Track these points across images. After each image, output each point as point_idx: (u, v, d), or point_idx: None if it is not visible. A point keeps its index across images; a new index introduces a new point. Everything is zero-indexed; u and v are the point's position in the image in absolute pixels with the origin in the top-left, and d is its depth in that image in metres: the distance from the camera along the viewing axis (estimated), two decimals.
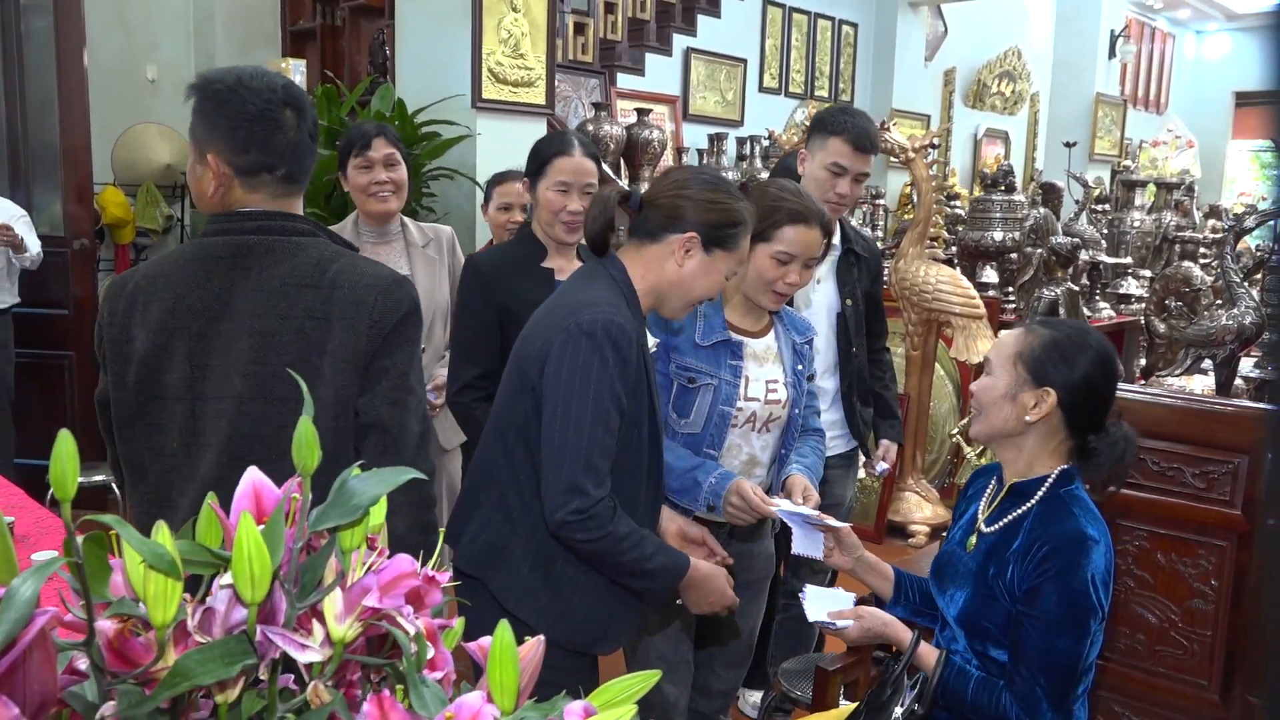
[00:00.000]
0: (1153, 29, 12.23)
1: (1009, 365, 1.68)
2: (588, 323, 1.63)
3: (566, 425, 1.61)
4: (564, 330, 1.64)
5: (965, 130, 10.01)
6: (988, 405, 1.71)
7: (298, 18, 5.92)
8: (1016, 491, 1.71)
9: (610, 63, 6.60)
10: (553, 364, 1.64)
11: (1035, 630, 1.59)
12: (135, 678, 0.74)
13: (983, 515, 1.76)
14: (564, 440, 1.62)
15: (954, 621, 1.73)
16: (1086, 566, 1.58)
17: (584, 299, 1.68)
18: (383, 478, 0.82)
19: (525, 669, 0.84)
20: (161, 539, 0.73)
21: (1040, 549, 1.61)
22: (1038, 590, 1.60)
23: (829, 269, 2.59)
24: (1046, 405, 1.65)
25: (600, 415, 1.62)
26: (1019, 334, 1.72)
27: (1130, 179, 6.75)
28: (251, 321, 1.54)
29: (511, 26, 4.02)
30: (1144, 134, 11.30)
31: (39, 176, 4.59)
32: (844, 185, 2.48)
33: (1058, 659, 1.58)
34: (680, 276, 1.73)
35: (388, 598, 0.80)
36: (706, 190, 1.74)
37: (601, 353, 1.62)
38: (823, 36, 8.47)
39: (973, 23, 9.66)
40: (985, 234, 5.03)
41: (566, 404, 1.62)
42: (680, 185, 1.75)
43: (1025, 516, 1.67)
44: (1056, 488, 1.68)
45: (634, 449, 1.72)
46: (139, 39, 5.67)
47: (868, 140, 2.48)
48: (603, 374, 1.62)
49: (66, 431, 0.71)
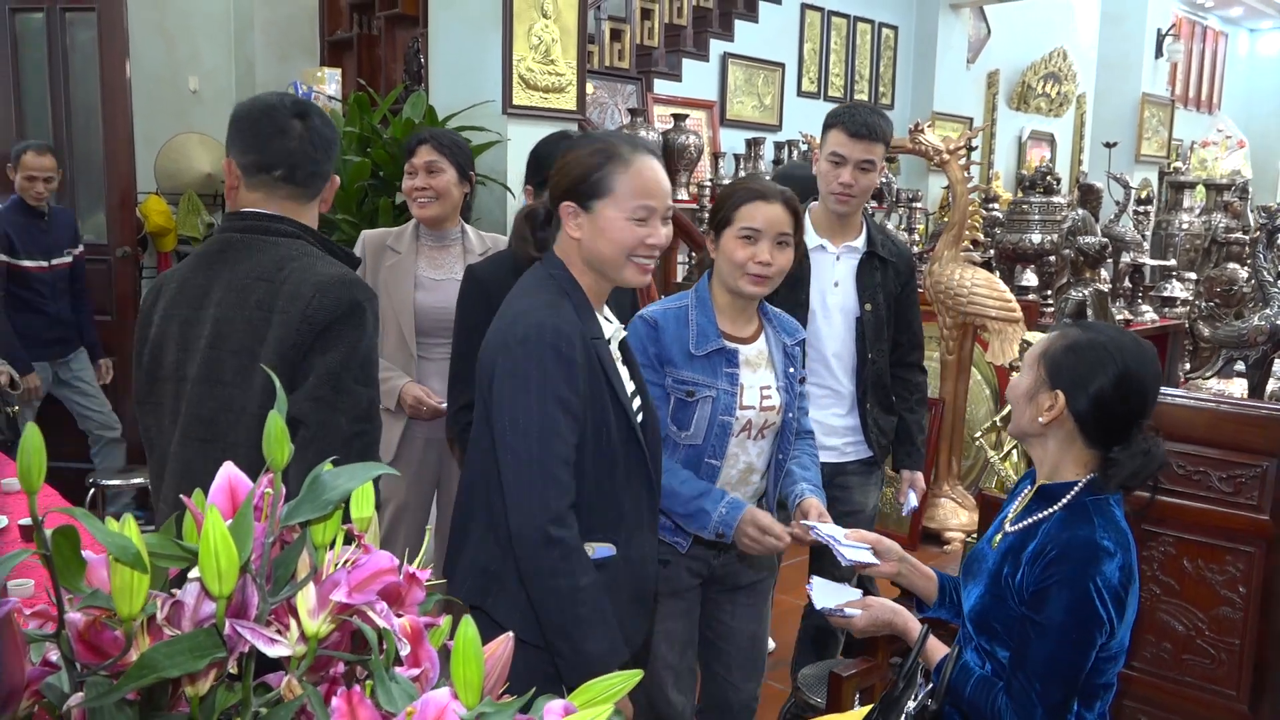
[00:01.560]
0: (1204, 28, 11.99)
1: (1034, 364, 1.68)
2: (520, 331, 1.60)
3: (517, 440, 1.57)
4: (502, 346, 1.61)
5: (1010, 133, 9.88)
6: (1013, 402, 1.72)
7: (335, 27, 6.00)
8: (1044, 494, 1.69)
9: (647, 69, 6.61)
10: (495, 381, 1.61)
11: (1037, 635, 1.56)
12: (106, 669, 0.75)
13: (1011, 514, 1.74)
14: (518, 456, 1.58)
15: (965, 617, 1.73)
16: (1094, 576, 1.54)
17: (519, 309, 1.65)
18: (354, 473, 0.82)
19: (493, 666, 0.84)
20: (128, 531, 0.73)
21: (1050, 553, 1.58)
22: (1043, 595, 1.57)
23: (849, 272, 2.55)
24: (1056, 408, 1.63)
25: (549, 424, 1.57)
26: (1051, 334, 1.71)
27: (1178, 180, 6.63)
28: (215, 310, 1.66)
29: (542, 33, 4.04)
30: (1194, 134, 11.08)
31: (83, 185, 4.69)
32: (846, 174, 2.47)
33: (1057, 667, 1.55)
34: (584, 248, 1.67)
35: (359, 593, 0.80)
36: (565, 154, 1.71)
37: (539, 359, 1.57)
38: (862, 39, 8.41)
39: (1016, 24, 9.53)
40: (1023, 236, 4.95)
41: (514, 419, 1.58)
42: (555, 163, 1.74)
43: (1047, 520, 1.64)
44: (1084, 495, 1.64)
45: (607, 450, 1.66)
46: (181, 50, 5.78)
47: (864, 128, 2.46)
48: (543, 381, 1.57)
49: (34, 425, 0.72)
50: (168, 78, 5.68)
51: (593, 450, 1.64)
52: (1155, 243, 6.51)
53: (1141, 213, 6.28)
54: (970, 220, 4.20)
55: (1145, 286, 5.29)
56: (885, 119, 2.54)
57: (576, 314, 1.64)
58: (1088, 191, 6.12)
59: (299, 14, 6.08)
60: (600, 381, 1.64)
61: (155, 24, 5.62)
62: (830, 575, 1.97)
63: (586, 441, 1.62)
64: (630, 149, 1.67)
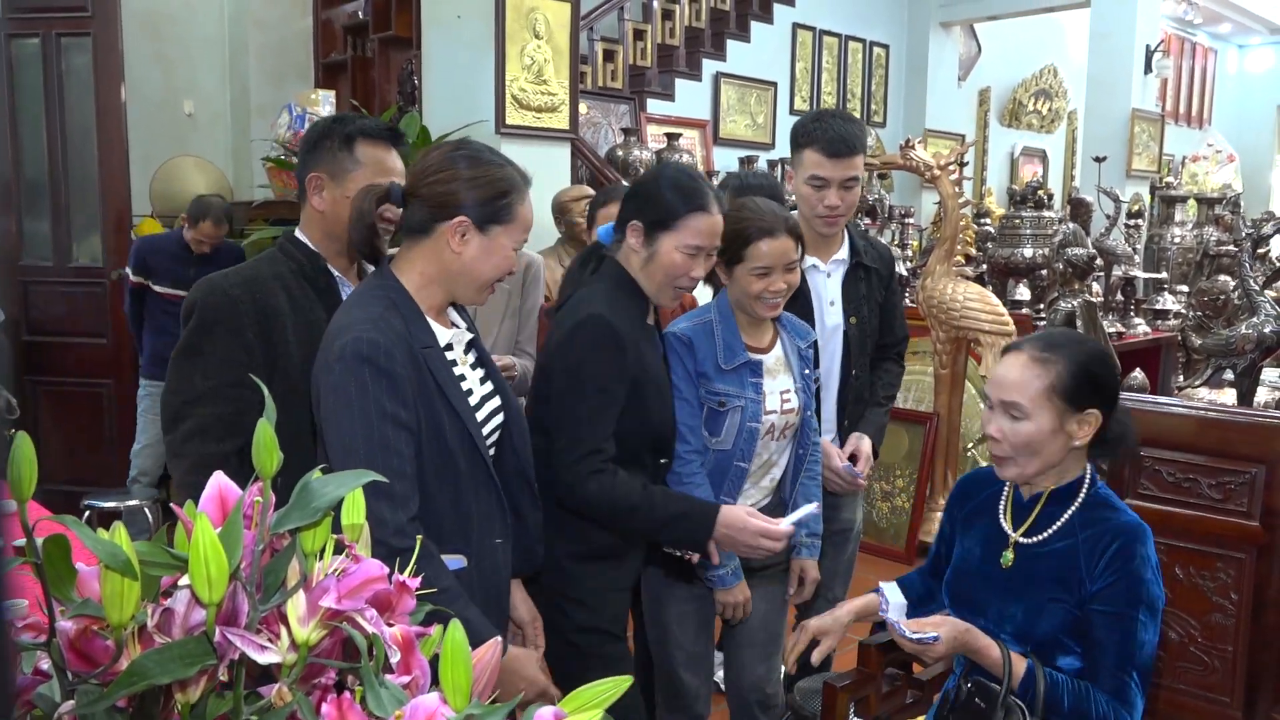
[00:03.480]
0: (1193, 44, 12.09)
1: (1045, 403, 1.62)
2: (337, 350, 1.55)
3: (347, 459, 1.52)
4: (324, 366, 1.58)
5: (1002, 149, 9.95)
6: (1037, 447, 1.64)
7: (329, 50, 6.04)
8: (1055, 499, 1.68)
9: (640, 88, 6.66)
10: (321, 401, 1.59)
11: (1116, 626, 1.57)
12: (96, 678, 0.76)
13: (1015, 529, 1.71)
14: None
15: (1011, 639, 1.67)
16: (1149, 556, 1.59)
17: (340, 325, 1.61)
18: (342, 480, 0.83)
19: (482, 670, 0.85)
20: (118, 539, 0.74)
21: (1109, 545, 1.60)
22: (1111, 587, 1.58)
23: (838, 286, 2.47)
24: (1093, 426, 1.64)
25: (377, 439, 1.53)
26: (1035, 366, 1.64)
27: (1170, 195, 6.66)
28: None
29: (534, 53, 4.07)
30: (1185, 150, 11.15)
31: (78, 208, 4.70)
32: (831, 197, 2.33)
33: (1143, 650, 1.57)
34: (462, 265, 1.62)
35: (349, 600, 0.81)
36: (471, 167, 1.63)
37: (357, 376, 1.53)
38: (854, 58, 8.48)
39: (1007, 42, 9.61)
40: (1015, 251, 4.98)
41: (340, 438, 1.55)
42: (441, 168, 1.63)
43: (1072, 521, 1.65)
44: (1091, 488, 1.67)
45: (444, 458, 1.62)
46: (176, 74, 5.82)
47: (842, 144, 2.30)
48: (364, 397, 1.53)
49: (24, 434, 0.73)
50: (163, 101, 5.71)
51: (432, 460, 1.60)
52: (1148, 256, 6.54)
53: (1132, 226, 6.31)
54: (963, 235, 4.22)
55: (1137, 300, 5.32)
56: (858, 123, 2.40)
57: (405, 324, 1.60)
58: (1078, 205, 6.15)
59: (293, 38, 6.12)
60: (430, 389, 1.60)
61: (151, 48, 5.66)
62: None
63: (422, 452, 1.59)
64: (525, 187, 1.70)
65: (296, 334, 1.86)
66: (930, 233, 7.05)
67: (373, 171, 1.88)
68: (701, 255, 1.93)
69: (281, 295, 1.87)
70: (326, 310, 1.88)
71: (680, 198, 1.92)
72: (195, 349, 1.84)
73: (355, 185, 1.84)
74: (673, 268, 1.92)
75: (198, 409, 1.81)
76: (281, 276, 1.90)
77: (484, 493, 1.68)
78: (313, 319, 1.87)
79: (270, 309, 1.84)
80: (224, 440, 1.80)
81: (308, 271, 1.92)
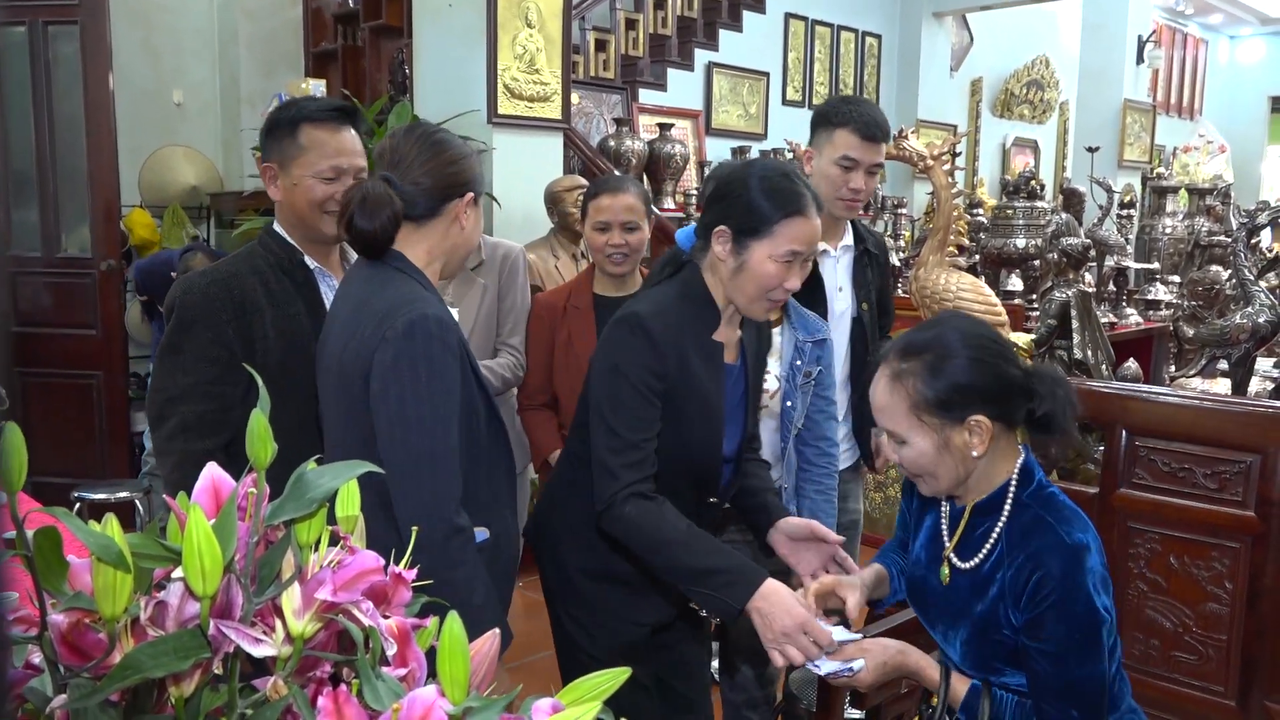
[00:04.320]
0: (1184, 35, 12.10)
1: (915, 424, 1.48)
2: (404, 325, 1.56)
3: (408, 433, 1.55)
4: (382, 339, 1.57)
5: (994, 140, 9.94)
6: (931, 469, 1.50)
7: (320, 39, 6.00)
8: (979, 512, 1.55)
9: (632, 78, 6.63)
10: (379, 376, 1.57)
11: (1050, 664, 1.44)
12: (89, 671, 0.75)
13: (950, 545, 1.60)
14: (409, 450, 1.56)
15: (959, 658, 1.59)
16: (1085, 582, 1.43)
17: (391, 300, 1.60)
18: (338, 471, 0.82)
19: (479, 663, 0.84)
20: (110, 531, 0.73)
21: (1031, 576, 1.45)
22: (1039, 622, 1.45)
23: (846, 273, 2.47)
24: (984, 430, 1.46)
25: (443, 415, 1.57)
26: (891, 384, 1.50)
27: (1161, 185, 6.67)
28: None
29: (526, 42, 4.05)
30: (1176, 140, 11.17)
31: (67, 198, 4.67)
32: (857, 179, 2.31)
33: (1083, 687, 1.44)
34: (464, 238, 1.73)
35: (344, 592, 0.80)
36: (458, 147, 1.72)
37: (425, 351, 1.56)
38: (846, 48, 8.46)
39: (999, 32, 9.60)
40: (1008, 241, 4.97)
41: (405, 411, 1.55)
42: (435, 152, 1.68)
43: (1000, 539, 1.51)
44: (1020, 492, 1.51)
45: (476, 436, 1.65)
46: (165, 63, 5.77)
47: (877, 129, 2.31)
48: (431, 373, 1.56)
49: (14, 425, 0.72)
50: (152, 91, 5.67)
51: (464, 437, 1.62)
52: (1139, 247, 6.55)
53: (1124, 217, 6.32)
54: (955, 225, 4.21)
55: (1129, 290, 5.32)
56: (883, 114, 2.41)
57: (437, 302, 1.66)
58: (1071, 195, 6.16)
59: (283, 27, 6.08)
60: (468, 369, 1.64)
61: (139, 38, 5.62)
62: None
63: (460, 429, 1.61)
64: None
65: (276, 328, 1.85)
66: (923, 223, 7.05)
67: (317, 155, 1.85)
68: (797, 262, 1.73)
69: (260, 290, 1.86)
70: (305, 303, 1.89)
71: (774, 201, 1.71)
72: (176, 347, 1.84)
73: (301, 170, 1.85)
74: (766, 279, 1.72)
75: (181, 407, 1.81)
76: (260, 271, 1.89)
77: (499, 467, 1.74)
78: (292, 312, 1.87)
79: (248, 304, 1.84)
80: (207, 437, 1.80)
81: (285, 265, 1.90)
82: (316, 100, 1.94)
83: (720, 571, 1.64)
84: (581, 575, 1.88)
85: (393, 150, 1.70)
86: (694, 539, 1.67)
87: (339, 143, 1.87)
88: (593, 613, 1.87)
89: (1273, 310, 2.77)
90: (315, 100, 1.93)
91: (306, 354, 1.82)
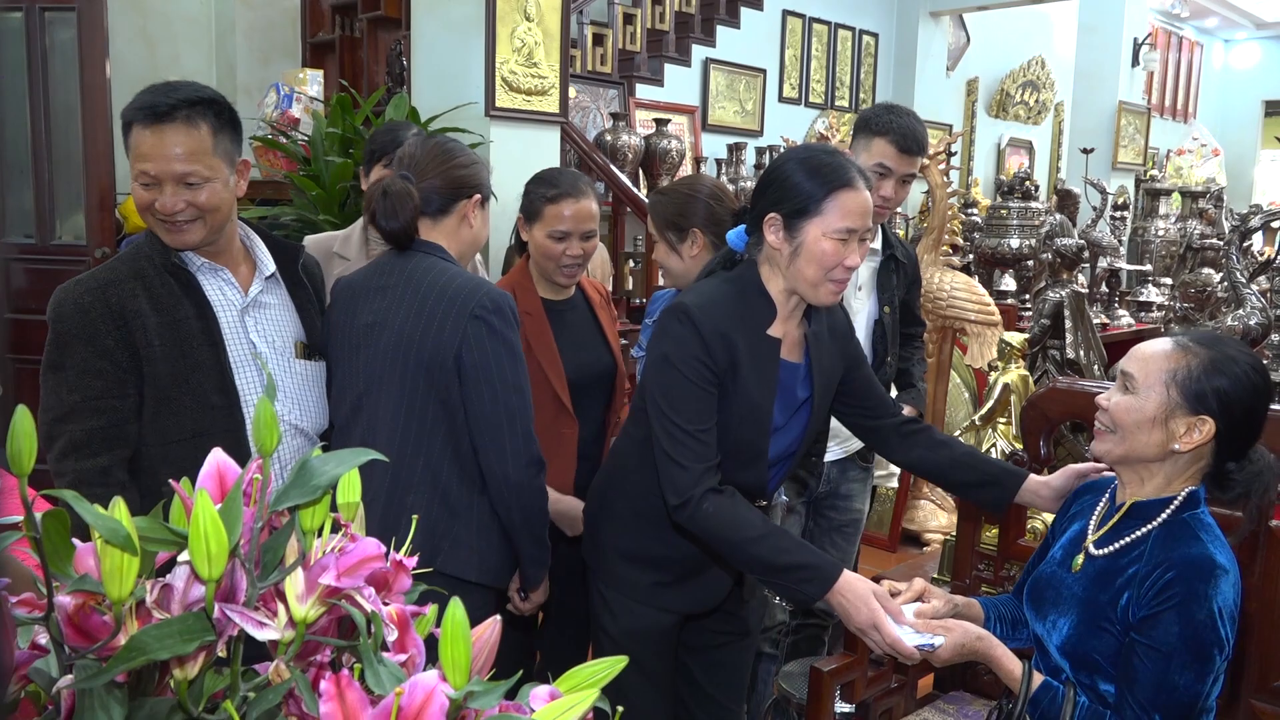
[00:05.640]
0: (1180, 38, 12.14)
1: (1160, 386, 1.51)
2: (490, 302, 1.81)
3: (507, 391, 1.80)
4: (470, 316, 1.79)
5: (989, 140, 9.97)
6: (1129, 427, 1.53)
7: (317, 30, 5.98)
8: (1136, 512, 1.57)
9: (629, 73, 6.63)
10: (476, 346, 1.79)
11: (1152, 662, 1.45)
12: (95, 653, 0.75)
13: (1092, 536, 1.63)
14: (508, 405, 1.80)
15: (1056, 651, 1.60)
16: (1214, 597, 1.44)
17: (464, 283, 1.83)
18: (341, 458, 0.83)
19: (481, 648, 0.85)
20: (118, 514, 0.74)
21: (1163, 575, 1.47)
22: (1156, 619, 1.46)
23: (870, 275, 2.51)
24: (1202, 435, 1.50)
25: (525, 375, 1.84)
26: (1171, 350, 1.53)
27: (1155, 188, 6.70)
28: None
29: (525, 35, 4.05)
30: (1170, 143, 11.21)
31: (62, 186, 4.66)
32: (888, 188, 2.39)
33: (1175, 695, 1.44)
34: (474, 235, 1.96)
35: (347, 578, 0.81)
36: (461, 153, 1.94)
37: (512, 323, 1.83)
38: (843, 46, 8.47)
39: (995, 32, 9.63)
40: (1002, 241, 5.00)
41: (503, 374, 1.80)
42: (446, 157, 1.92)
43: (1144, 539, 1.54)
44: (1181, 510, 1.54)
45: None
46: (161, 52, 5.76)
47: (914, 141, 2.38)
48: (516, 340, 1.83)
49: (24, 407, 0.73)
50: (148, 79, 5.55)
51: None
52: (1132, 249, 6.58)
53: (1118, 218, 6.36)
54: (950, 225, 4.24)
55: (1122, 291, 5.36)
56: (924, 125, 2.46)
57: None
58: (1065, 197, 6.19)
59: (280, 16, 6.07)
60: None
61: (136, 26, 5.60)
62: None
63: None
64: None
65: (160, 334, 1.73)
66: (918, 222, 7.07)
67: (134, 159, 1.74)
68: (854, 239, 1.70)
69: (141, 294, 1.74)
70: (193, 305, 1.77)
71: (819, 179, 1.69)
72: (56, 364, 1.72)
73: (131, 175, 1.74)
74: (824, 258, 1.68)
75: (68, 425, 1.70)
76: (142, 274, 1.76)
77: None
78: (179, 317, 1.76)
79: (127, 312, 1.72)
80: (100, 454, 1.70)
81: (167, 265, 1.78)
82: (149, 93, 1.77)
83: (799, 568, 1.67)
84: (616, 554, 1.91)
85: (409, 155, 1.94)
86: (772, 534, 1.70)
87: (149, 146, 1.73)
88: (620, 592, 1.90)
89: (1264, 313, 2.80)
90: (150, 92, 1.77)
91: (196, 359, 1.75)
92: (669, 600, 1.89)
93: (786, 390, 1.80)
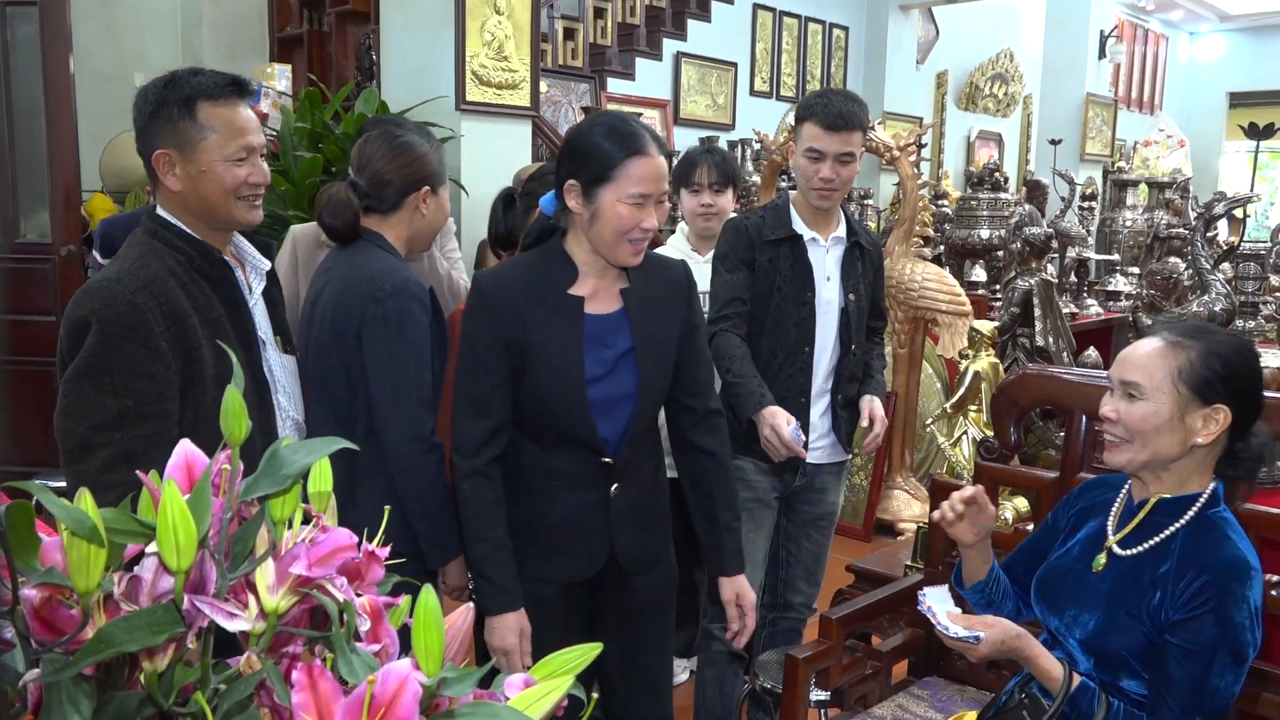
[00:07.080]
0: (1145, 30, 12.27)
1: (1169, 386, 1.51)
2: (391, 286, 1.88)
3: (393, 369, 1.87)
4: (372, 298, 1.88)
5: (958, 132, 10.04)
6: (1149, 434, 1.52)
7: (285, 24, 5.94)
8: (1162, 510, 1.57)
9: (600, 67, 6.63)
10: (369, 325, 1.87)
11: (1190, 665, 1.45)
12: (62, 646, 0.75)
13: (1115, 535, 1.62)
14: (393, 382, 1.87)
15: (1078, 646, 1.60)
16: (1250, 598, 1.45)
17: (378, 269, 1.92)
18: (312, 448, 0.83)
19: (454, 635, 0.85)
20: (85, 506, 0.73)
21: (1198, 578, 1.47)
22: (1193, 622, 1.46)
23: (836, 264, 2.49)
24: (1219, 423, 1.51)
25: (417, 356, 1.89)
26: (1166, 349, 1.54)
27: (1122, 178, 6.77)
28: None
29: (495, 29, 4.04)
30: (1136, 135, 11.33)
31: (26, 183, 4.60)
32: (825, 169, 2.37)
33: (1215, 698, 1.45)
34: (426, 223, 2.07)
35: (319, 568, 0.80)
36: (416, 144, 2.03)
37: (409, 307, 1.89)
38: (813, 40, 8.50)
39: (964, 25, 9.70)
40: (972, 232, 5.04)
41: (392, 350, 1.87)
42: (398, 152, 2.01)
43: (1173, 539, 1.54)
44: (1207, 508, 1.54)
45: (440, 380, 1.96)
46: (127, 47, 5.69)
47: (840, 119, 2.35)
48: (412, 324, 1.88)
49: None
50: (114, 75, 5.58)
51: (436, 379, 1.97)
52: (1100, 239, 6.65)
53: (1086, 209, 6.42)
54: (920, 216, 4.26)
55: (1090, 281, 5.41)
56: (860, 103, 2.43)
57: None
58: (1034, 187, 6.24)
59: (247, 11, 6.02)
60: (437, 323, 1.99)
61: (101, 21, 5.53)
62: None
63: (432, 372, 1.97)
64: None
65: (204, 334, 1.67)
66: (889, 214, 7.11)
67: (224, 136, 1.67)
68: (649, 203, 1.77)
69: (179, 293, 1.66)
70: (225, 305, 1.72)
71: (613, 145, 1.76)
72: (101, 367, 1.61)
73: (209, 156, 1.67)
74: (619, 222, 1.76)
75: (116, 434, 1.60)
76: (173, 271, 1.68)
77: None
78: (214, 317, 1.70)
79: (176, 310, 1.64)
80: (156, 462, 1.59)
81: (197, 263, 1.71)
82: (203, 75, 1.70)
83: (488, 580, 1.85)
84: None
85: (360, 154, 2.04)
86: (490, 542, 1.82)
87: (242, 120, 1.70)
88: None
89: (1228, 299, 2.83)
90: (202, 75, 1.70)
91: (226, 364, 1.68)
92: (543, 571, 1.88)
93: (596, 340, 1.85)
